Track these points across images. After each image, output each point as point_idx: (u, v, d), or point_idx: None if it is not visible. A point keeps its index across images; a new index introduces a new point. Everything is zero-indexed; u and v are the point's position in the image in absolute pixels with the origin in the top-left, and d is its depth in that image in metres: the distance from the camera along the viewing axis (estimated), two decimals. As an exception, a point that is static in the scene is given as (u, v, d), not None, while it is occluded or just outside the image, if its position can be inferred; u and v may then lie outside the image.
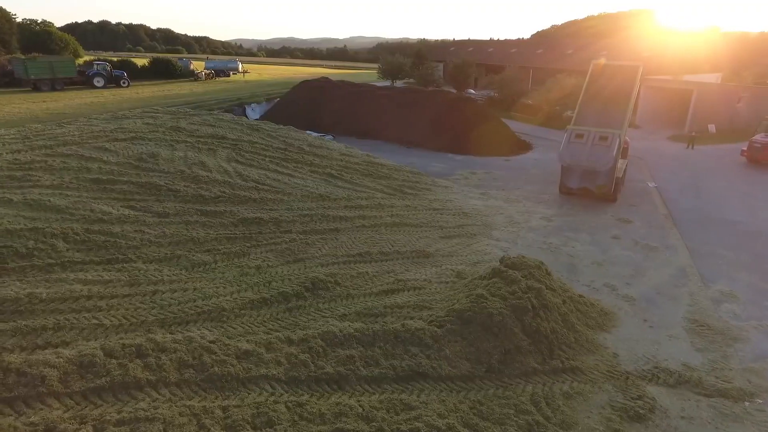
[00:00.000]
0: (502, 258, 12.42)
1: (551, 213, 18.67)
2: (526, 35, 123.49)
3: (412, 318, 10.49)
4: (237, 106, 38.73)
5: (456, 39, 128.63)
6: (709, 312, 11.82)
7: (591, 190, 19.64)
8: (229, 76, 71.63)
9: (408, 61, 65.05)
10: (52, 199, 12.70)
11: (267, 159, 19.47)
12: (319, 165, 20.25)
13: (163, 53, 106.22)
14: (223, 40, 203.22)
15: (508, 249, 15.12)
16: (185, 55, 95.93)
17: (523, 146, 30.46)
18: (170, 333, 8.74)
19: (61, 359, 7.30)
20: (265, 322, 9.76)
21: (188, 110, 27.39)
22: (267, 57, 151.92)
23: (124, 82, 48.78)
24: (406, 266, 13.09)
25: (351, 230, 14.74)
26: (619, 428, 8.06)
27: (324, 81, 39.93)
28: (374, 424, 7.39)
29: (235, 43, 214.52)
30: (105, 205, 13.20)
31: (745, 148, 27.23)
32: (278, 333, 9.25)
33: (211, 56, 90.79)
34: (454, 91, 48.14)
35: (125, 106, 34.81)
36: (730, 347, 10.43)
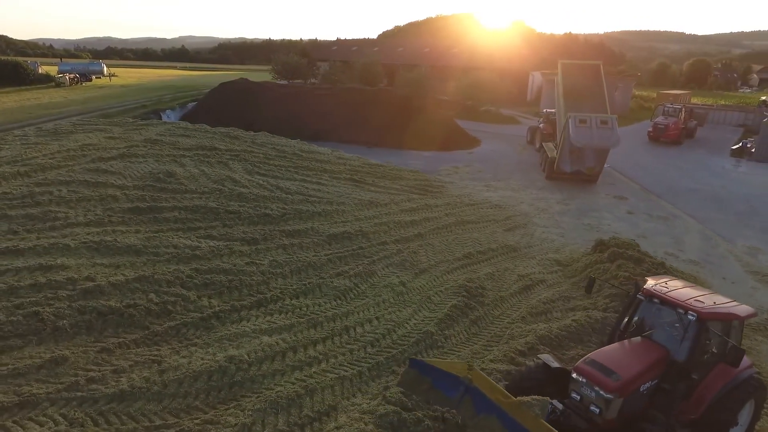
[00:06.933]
0: (599, 241, 13.27)
1: (560, 197, 20.19)
2: (372, 35, 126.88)
3: (573, 309, 10.68)
4: (151, 112, 33.58)
5: (304, 38, 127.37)
6: (758, 264, 14.15)
7: (582, 172, 21.74)
8: (91, 80, 61.41)
9: (304, 61, 63.47)
10: (119, 238, 9.87)
11: (282, 168, 17.56)
12: (332, 171, 18.91)
13: None
14: (25, 39, 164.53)
15: (563, 233, 16.05)
16: (31, 57, 79.21)
17: (473, 140, 32.09)
18: (415, 370, 7.61)
19: (371, 426, 5.94)
20: (470, 338, 9.06)
21: (129, 119, 23.15)
22: (94, 59, 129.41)
23: (-32, 91, 38.68)
24: (511, 262, 13.13)
25: (432, 234, 14.20)
26: (811, 370, 9.34)
27: (247, 83, 36.96)
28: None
29: (43, 43, 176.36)
30: (180, 238, 10.69)
31: (650, 129, 32.57)
32: (500, 347, 8.68)
33: (65, 58, 76.60)
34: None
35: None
36: (799, 290, 12.68)
